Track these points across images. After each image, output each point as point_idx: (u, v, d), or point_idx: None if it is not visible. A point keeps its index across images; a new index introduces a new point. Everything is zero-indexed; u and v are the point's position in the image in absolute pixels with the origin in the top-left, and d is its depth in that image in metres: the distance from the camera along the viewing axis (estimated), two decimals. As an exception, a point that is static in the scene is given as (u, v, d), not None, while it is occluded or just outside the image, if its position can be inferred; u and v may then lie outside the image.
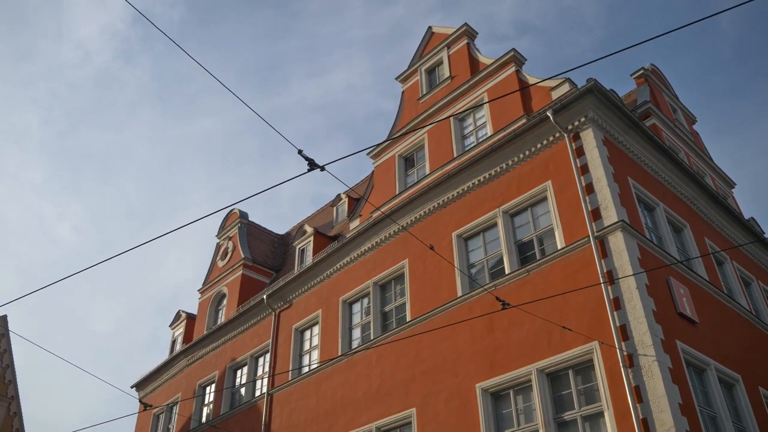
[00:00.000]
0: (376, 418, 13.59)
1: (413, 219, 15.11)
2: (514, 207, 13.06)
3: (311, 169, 4.71)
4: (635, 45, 4.96)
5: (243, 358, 19.14)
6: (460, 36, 17.07)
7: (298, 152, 4.62)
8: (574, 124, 12.53)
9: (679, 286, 11.60)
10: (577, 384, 10.65)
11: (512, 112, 14.33)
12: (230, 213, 24.07)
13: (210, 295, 22.83)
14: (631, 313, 10.24)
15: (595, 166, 11.91)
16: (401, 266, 14.90)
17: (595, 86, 12.25)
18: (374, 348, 14.57)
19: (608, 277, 10.79)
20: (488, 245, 13.38)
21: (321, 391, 15.50)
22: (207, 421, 19.42)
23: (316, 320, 16.95)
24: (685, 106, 20.21)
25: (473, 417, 11.64)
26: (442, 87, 16.76)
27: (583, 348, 10.54)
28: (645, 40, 4.86)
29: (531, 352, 11.27)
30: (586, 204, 11.64)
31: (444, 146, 15.67)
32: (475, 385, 11.86)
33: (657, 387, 9.48)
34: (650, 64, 19.66)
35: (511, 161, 13.44)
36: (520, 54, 15.07)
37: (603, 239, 11.18)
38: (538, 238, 12.52)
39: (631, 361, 9.93)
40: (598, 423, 10.09)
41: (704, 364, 11.12)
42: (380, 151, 17.66)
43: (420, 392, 12.94)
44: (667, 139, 16.74)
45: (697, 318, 11.55)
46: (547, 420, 10.55)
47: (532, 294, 11.77)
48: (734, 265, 15.26)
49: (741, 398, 11.72)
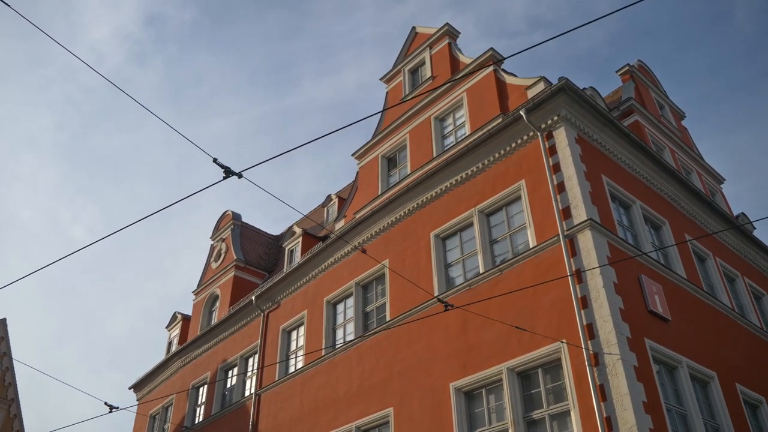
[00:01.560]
0: (356, 418, 13.69)
1: (394, 219, 15.18)
2: (489, 206, 13.10)
3: (227, 176, 4.81)
4: (579, 27, 4.99)
5: (233, 359, 19.32)
6: (442, 36, 17.11)
7: (213, 161, 4.72)
8: (547, 122, 12.54)
9: (652, 283, 11.58)
10: (546, 383, 10.67)
11: (489, 111, 14.35)
12: (224, 215, 24.27)
13: (204, 296, 23.05)
14: (598, 312, 10.25)
15: (566, 164, 11.91)
16: (382, 266, 14.97)
17: (566, 84, 12.25)
18: (355, 348, 14.67)
19: (576, 275, 10.81)
20: (465, 245, 13.42)
21: (305, 392, 15.63)
22: (198, 422, 19.64)
23: (302, 321, 17.08)
24: (673, 102, 20.08)
25: (447, 416, 11.70)
26: (424, 87, 16.82)
27: (551, 347, 10.57)
28: (586, 22, 4.88)
29: (502, 351, 11.30)
30: (557, 203, 11.65)
31: (424, 146, 15.72)
32: (449, 384, 11.92)
33: (620, 385, 9.49)
34: (637, 61, 19.59)
35: (486, 161, 13.47)
36: (498, 53, 15.08)
37: (572, 238, 11.19)
38: (512, 238, 12.55)
39: (596, 360, 9.94)
40: (566, 422, 10.12)
41: (675, 362, 11.10)
42: (364, 151, 17.75)
43: (397, 392, 13.02)
44: (651, 136, 16.67)
45: (669, 316, 11.52)
46: (517, 419, 10.59)
47: (504, 292, 11.80)
48: (717, 262, 15.17)
49: (715, 395, 11.68)
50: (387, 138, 17.20)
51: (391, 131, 17.11)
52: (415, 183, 14.62)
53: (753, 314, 15.32)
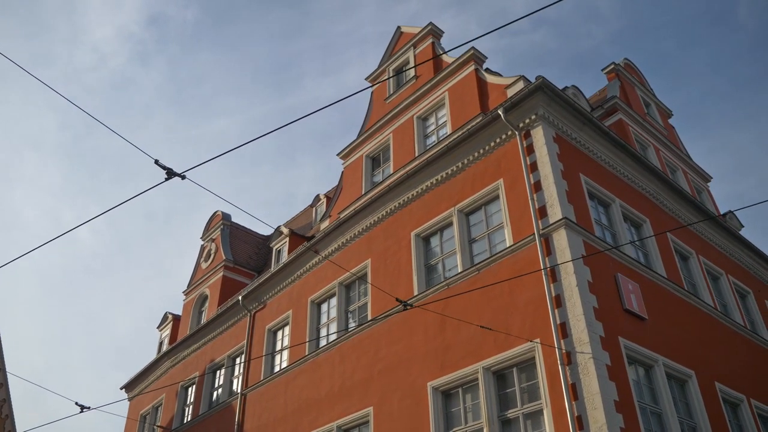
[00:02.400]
0: (338, 417, 13.70)
1: (376, 219, 15.19)
2: (468, 206, 13.09)
3: (169, 177, 4.82)
4: (513, 21, 4.98)
5: (221, 359, 19.35)
6: (426, 35, 17.11)
7: (155, 162, 4.73)
8: (525, 121, 12.53)
9: (628, 282, 11.56)
10: (521, 382, 10.67)
11: (470, 110, 14.35)
12: (214, 215, 24.30)
13: (194, 296, 23.09)
14: (571, 311, 10.24)
15: (543, 163, 11.90)
16: (365, 266, 14.99)
17: (543, 83, 12.24)
18: (337, 348, 14.69)
19: (551, 274, 10.81)
20: (445, 244, 13.43)
21: (289, 391, 15.65)
22: (186, 422, 19.69)
23: (287, 321, 17.10)
24: (660, 101, 20.05)
25: (424, 415, 11.70)
26: (408, 86, 16.82)
27: (526, 346, 10.56)
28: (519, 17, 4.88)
29: (478, 350, 11.30)
30: (533, 202, 11.64)
31: (407, 146, 15.73)
32: (427, 384, 11.92)
33: (591, 384, 9.48)
34: (623, 59, 19.56)
35: (466, 160, 13.46)
36: (479, 52, 15.07)
37: (548, 237, 11.18)
38: (490, 237, 12.54)
39: (569, 359, 9.93)
40: (539, 421, 10.11)
41: (652, 361, 11.08)
42: (349, 151, 17.76)
43: (377, 391, 13.03)
44: (635, 135, 16.64)
45: (646, 314, 11.50)
46: (491, 418, 10.59)
47: (481, 292, 11.80)
48: (700, 260, 15.14)
49: (693, 394, 11.66)
50: (371, 138, 17.22)
51: (375, 131, 17.12)
52: (397, 183, 14.62)
53: (737, 313, 15.29)
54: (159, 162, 4.81)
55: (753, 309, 16.53)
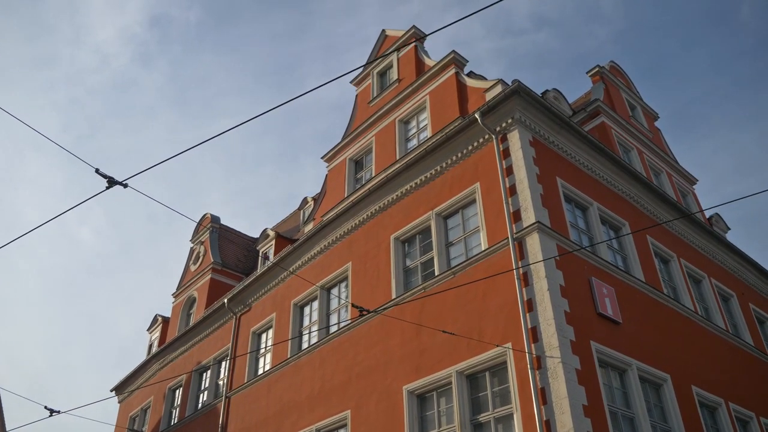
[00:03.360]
0: (317, 420, 13.72)
1: (357, 222, 15.21)
2: (446, 209, 13.11)
3: (110, 186, 4.86)
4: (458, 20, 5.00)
5: (207, 362, 19.38)
6: (409, 38, 17.13)
7: (95, 171, 4.77)
8: (502, 125, 12.55)
9: (603, 286, 11.57)
10: (493, 386, 10.68)
11: (450, 114, 14.37)
12: (203, 217, 24.35)
13: (182, 299, 23.13)
14: (542, 315, 10.25)
15: (518, 167, 11.92)
16: (346, 269, 15.01)
17: (519, 87, 12.26)
18: (318, 351, 14.71)
19: (523, 278, 10.82)
20: (423, 247, 13.45)
21: (271, 394, 15.68)
22: (173, 424, 19.73)
23: (270, 323, 17.13)
24: (646, 103, 20.04)
25: (400, 419, 11.72)
26: (391, 90, 16.85)
27: (498, 350, 10.57)
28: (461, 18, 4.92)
29: (453, 354, 11.31)
30: (508, 205, 11.66)
31: (388, 149, 15.75)
32: (402, 387, 11.94)
33: (560, 389, 9.49)
34: (609, 62, 19.57)
35: (444, 163, 13.48)
36: (460, 56, 15.09)
37: (521, 241, 11.20)
38: (467, 241, 12.56)
39: (539, 363, 9.95)
40: (510, 425, 10.12)
41: (625, 365, 11.08)
42: (333, 154, 17.79)
43: (355, 394, 13.05)
44: (617, 138, 16.64)
45: (620, 318, 11.50)
46: (464, 422, 10.60)
47: (456, 296, 11.82)
48: (682, 263, 15.14)
49: (668, 398, 11.65)
50: (355, 141, 17.25)
51: (358, 134, 17.15)
52: (377, 186, 14.65)
53: (718, 316, 15.28)
54: (99, 171, 4.85)
55: (736, 312, 16.52)
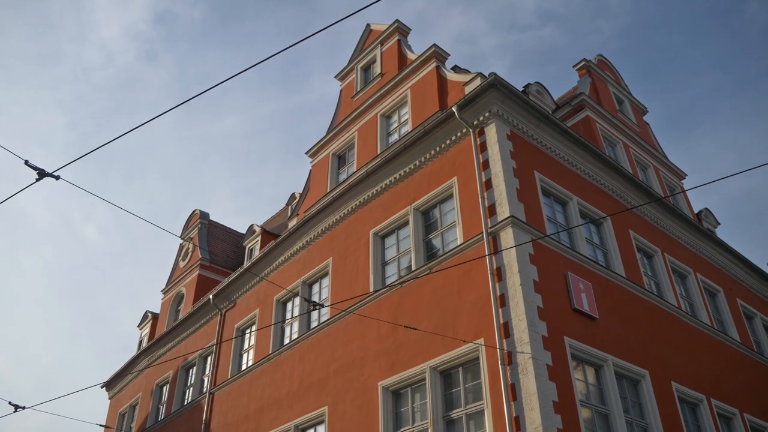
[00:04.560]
0: (295, 417, 13.65)
1: (338, 217, 15.10)
2: (424, 204, 12.98)
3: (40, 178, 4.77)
4: None
5: (193, 358, 19.33)
6: (392, 32, 16.98)
7: (25, 162, 4.67)
8: (479, 119, 12.41)
9: (579, 281, 11.43)
10: (466, 382, 10.57)
11: (430, 108, 14.23)
12: (192, 213, 24.28)
13: (171, 295, 23.08)
14: (514, 310, 10.12)
15: (494, 161, 11.78)
16: (326, 265, 14.91)
17: (496, 80, 12.11)
18: (297, 347, 14.63)
19: (496, 273, 10.69)
20: (401, 242, 13.33)
21: (252, 391, 15.61)
22: (159, 420, 19.70)
23: (254, 319, 17.05)
24: (635, 97, 19.85)
25: (375, 415, 11.62)
26: (373, 84, 16.71)
27: (470, 346, 10.45)
28: None
29: (427, 350, 11.20)
30: (483, 200, 11.53)
31: (370, 144, 15.63)
32: (378, 383, 11.84)
33: (530, 385, 9.37)
34: (597, 56, 19.38)
35: (423, 158, 13.35)
36: (441, 49, 14.94)
37: (495, 235, 11.07)
38: (444, 236, 12.44)
39: (510, 359, 9.83)
40: (482, 421, 10.01)
41: (601, 361, 10.94)
42: (317, 150, 17.68)
43: (332, 390, 12.96)
44: (602, 132, 16.46)
45: (597, 314, 11.36)
46: (436, 418, 10.49)
47: (431, 292, 11.71)
48: (666, 258, 14.98)
49: (646, 394, 11.52)
50: (338, 136, 17.13)
51: (341, 129, 17.03)
52: (357, 181, 14.53)
53: (703, 312, 15.11)
54: (29, 163, 4.77)
55: (723, 308, 16.34)
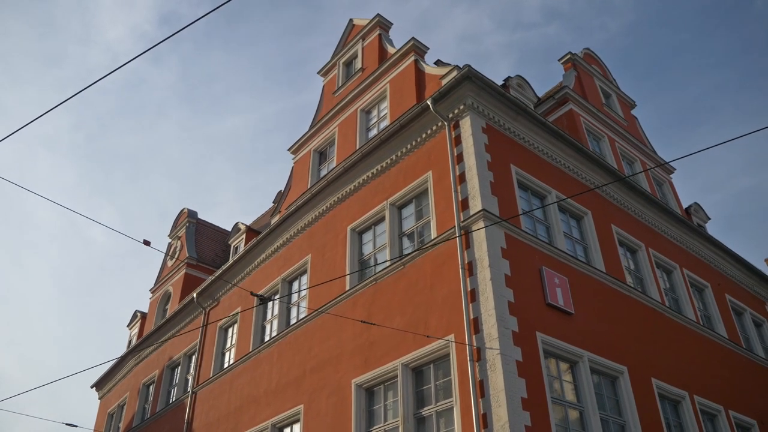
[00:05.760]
0: (272, 415, 13.49)
1: (318, 213, 14.94)
2: (400, 199, 12.80)
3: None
4: None
5: (178, 357, 19.20)
6: (374, 27, 16.80)
7: None
8: (454, 112, 12.22)
9: (554, 276, 11.22)
10: (437, 379, 10.38)
11: (408, 102, 14.04)
12: (181, 212, 24.16)
13: (159, 294, 22.97)
14: (484, 305, 9.92)
15: (468, 154, 11.58)
16: (305, 261, 14.75)
17: (470, 72, 11.91)
18: (276, 345, 14.47)
19: (468, 268, 10.49)
20: (378, 238, 13.15)
21: (233, 389, 15.46)
22: (144, 420, 19.59)
23: (236, 318, 16.90)
24: (623, 91, 19.59)
25: (348, 413, 11.45)
26: (354, 79, 16.54)
27: (441, 342, 10.26)
28: None
29: (399, 346, 11.02)
30: (456, 194, 11.33)
31: (350, 139, 15.46)
32: (351, 381, 11.67)
33: (498, 381, 9.17)
34: (584, 49, 19.14)
35: (400, 152, 13.17)
36: (420, 43, 14.75)
37: (468, 229, 10.87)
38: (418, 231, 12.25)
39: (479, 355, 9.63)
40: (451, 419, 9.82)
41: (576, 357, 10.73)
42: (299, 146, 17.52)
43: (308, 388, 12.79)
44: (586, 125, 16.23)
45: (573, 309, 11.15)
46: (407, 415, 10.31)
47: (405, 287, 11.53)
48: (650, 253, 14.74)
49: (624, 391, 11.29)
50: (319, 132, 16.97)
51: (323, 125, 16.87)
52: (335, 177, 14.36)
53: (689, 307, 14.86)
54: None
55: (710, 303, 16.09)
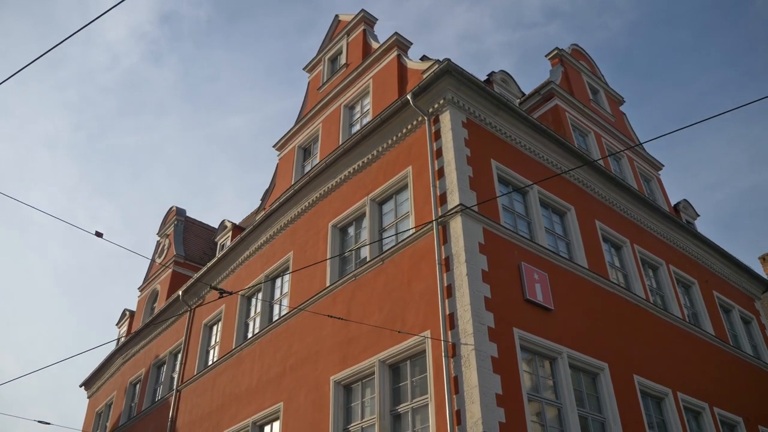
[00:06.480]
0: (253, 413, 13.38)
1: (300, 210, 14.82)
2: (380, 194, 12.68)
3: None
4: None
5: (164, 356, 19.08)
6: (358, 22, 16.69)
7: None
8: (434, 106, 12.10)
9: (534, 271, 11.09)
10: (414, 375, 10.26)
11: (390, 97, 13.91)
12: (169, 210, 24.04)
13: (147, 292, 22.86)
14: (460, 301, 9.80)
15: (447, 148, 11.46)
16: (287, 258, 14.63)
17: (449, 66, 11.80)
18: (258, 342, 14.36)
19: (445, 263, 10.37)
20: (359, 234, 13.03)
21: (215, 387, 15.35)
22: (131, 418, 19.49)
23: (220, 316, 16.79)
24: (611, 88, 19.47)
25: (326, 410, 11.33)
26: (339, 75, 16.42)
27: (417, 338, 10.14)
28: None
29: (377, 343, 10.90)
30: (435, 188, 11.21)
31: (333, 136, 15.34)
32: (329, 378, 11.55)
33: (472, 377, 9.05)
34: (571, 45, 19.02)
35: (381, 148, 13.05)
36: (404, 38, 14.63)
37: (445, 224, 10.75)
38: (398, 226, 12.13)
39: (454, 351, 9.51)
40: (427, 415, 9.70)
41: (555, 353, 10.60)
42: (283, 143, 17.40)
43: (288, 386, 12.68)
44: (572, 121, 16.10)
45: (552, 305, 11.02)
46: (383, 412, 10.19)
47: (384, 283, 11.42)
48: (635, 249, 14.62)
49: (605, 388, 11.17)
50: (303, 128, 16.85)
51: (307, 121, 16.75)
52: (317, 173, 14.25)
53: (675, 304, 14.73)
54: None
55: (697, 300, 15.96)
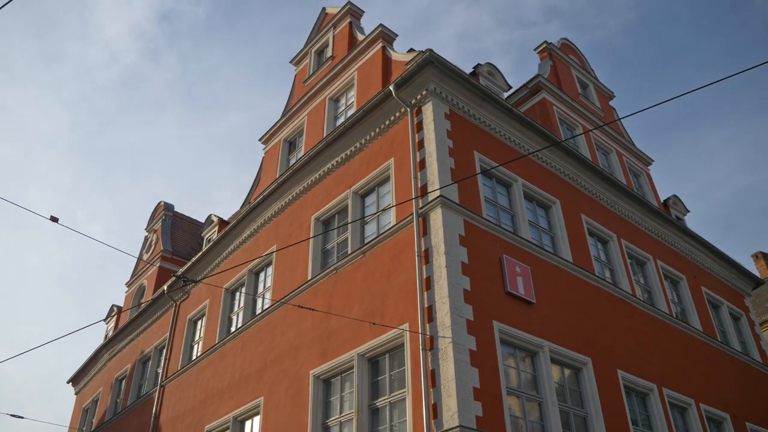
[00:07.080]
0: (234, 408, 13.23)
1: (283, 204, 14.67)
2: (362, 187, 12.53)
3: None
4: None
5: (149, 351, 18.92)
6: (345, 15, 16.52)
7: None
8: (417, 98, 11.95)
9: (516, 264, 10.95)
10: (392, 369, 10.11)
11: (374, 89, 13.76)
12: (157, 205, 23.86)
13: (134, 288, 22.69)
14: (438, 293, 9.66)
15: (429, 140, 11.31)
16: (271, 252, 14.48)
17: (432, 57, 11.64)
18: (240, 337, 14.20)
19: (424, 255, 10.22)
20: (341, 227, 12.88)
21: (198, 382, 15.20)
22: (116, 414, 19.32)
23: (204, 311, 16.63)
24: (601, 82, 19.32)
25: (306, 404, 11.19)
26: (324, 68, 16.26)
27: (396, 332, 10.00)
28: None
29: (356, 336, 10.76)
30: (416, 180, 11.07)
31: (318, 128, 15.18)
32: (309, 372, 11.40)
33: (449, 370, 8.91)
34: (560, 39, 18.88)
35: (363, 140, 12.90)
36: (389, 30, 14.47)
37: (426, 216, 10.60)
38: (380, 219, 11.98)
39: (431, 344, 9.36)
40: (404, 409, 9.55)
41: (536, 347, 10.46)
42: (269, 136, 17.24)
43: (269, 380, 12.53)
44: (559, 115, 15.96)
45: (534, 298, 10.88)
46: (362, 406, 10.05)
47: (364, 276, 11.27)
48: (622, 244, 14.49)
49: (587, 382, 11.04)
50: (289, 121, 16.69)
51: (292, 114, 16.59)
52: (300, 166, 14.09)
53: (662, 299, 14.60)
54: None
55: (685, 295, 15.84)
